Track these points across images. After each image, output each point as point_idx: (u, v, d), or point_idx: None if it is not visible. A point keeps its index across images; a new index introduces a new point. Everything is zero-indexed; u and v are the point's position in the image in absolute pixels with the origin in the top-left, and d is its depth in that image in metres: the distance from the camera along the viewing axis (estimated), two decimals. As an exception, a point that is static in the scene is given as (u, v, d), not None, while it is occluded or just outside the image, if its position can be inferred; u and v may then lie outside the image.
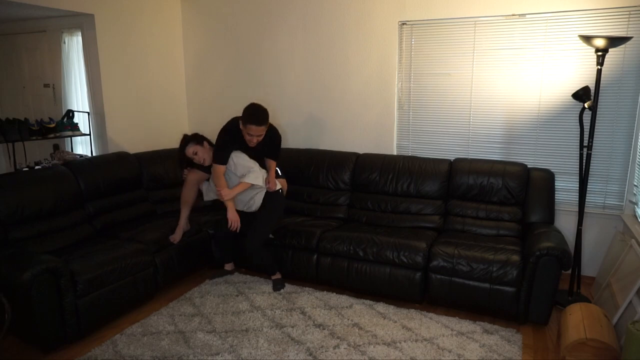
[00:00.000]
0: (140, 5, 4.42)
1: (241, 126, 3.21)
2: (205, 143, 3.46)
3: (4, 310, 2.51)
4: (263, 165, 3.46)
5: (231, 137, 3.28)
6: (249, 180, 3.28)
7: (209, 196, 3.58)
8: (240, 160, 3.30)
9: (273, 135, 3.42)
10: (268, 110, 3.23)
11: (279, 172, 3.65)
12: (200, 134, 3.54)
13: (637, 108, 3.36)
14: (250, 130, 3.14)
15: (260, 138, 3.23)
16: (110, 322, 3.02)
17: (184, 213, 3.58)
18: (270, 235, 3.57)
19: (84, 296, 2.76)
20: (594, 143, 3.34)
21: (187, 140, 3.47)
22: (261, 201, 3.42)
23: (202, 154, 3.42)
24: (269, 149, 3.43)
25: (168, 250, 3.41)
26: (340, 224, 3.76)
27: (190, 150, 3.43)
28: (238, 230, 3.39)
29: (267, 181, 3.40)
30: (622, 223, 3.44)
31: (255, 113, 3.14)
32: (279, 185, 3.49)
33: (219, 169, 3.27)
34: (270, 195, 3.42)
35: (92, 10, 3.98)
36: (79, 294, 2.73)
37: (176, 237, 3.49)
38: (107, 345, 2.73)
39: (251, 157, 3.36)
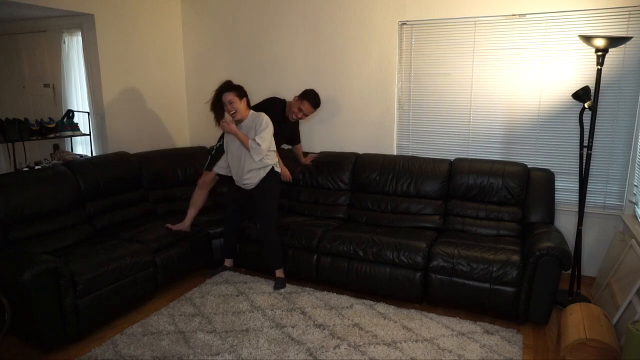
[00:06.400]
0: (140, 5, 4.41)
1: (296, 99, 3.70)
2: (245, 99, 3.41)
3: (4, 310, 2.51)
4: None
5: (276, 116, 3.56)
6: (261, 157, 3.36)
7: (219, 169, 3.70)
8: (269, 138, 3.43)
9: (298, 126, 4.02)
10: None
11: None
12: (244, 89, 3.47)
13: (637, 108, 3.36)
14: (304, 108, 3.66)
15: (303, 118, 3.76)
16: (110, 322, 3.02)
17: (191, 213, 3.62)
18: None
19: (84, 296, 2.76)
20: (594, 143, 3.34)
21: (229, 86, 3.41)
22: (259, 180, 3.47)
23: (236, 106, 3.36)
24: (295, 136, 4.01)
25: (168, 250, 3.41)
26: (340, 224, 3.76)
27: (229, 97, 3.35)
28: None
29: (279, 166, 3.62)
30: (622, 223, 3.44)
31: (318, 97, 3.73)
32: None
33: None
34: (269, 175, 3.49)
35: (92, 10, 3.98)
36: (79, 294, 2.73)
37: (173, 227, 3.53)
38: (107, 345, 2.73)
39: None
